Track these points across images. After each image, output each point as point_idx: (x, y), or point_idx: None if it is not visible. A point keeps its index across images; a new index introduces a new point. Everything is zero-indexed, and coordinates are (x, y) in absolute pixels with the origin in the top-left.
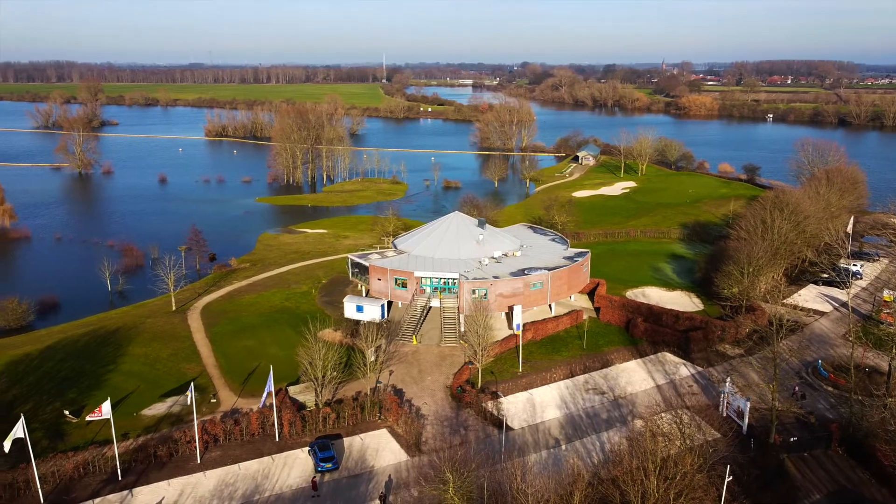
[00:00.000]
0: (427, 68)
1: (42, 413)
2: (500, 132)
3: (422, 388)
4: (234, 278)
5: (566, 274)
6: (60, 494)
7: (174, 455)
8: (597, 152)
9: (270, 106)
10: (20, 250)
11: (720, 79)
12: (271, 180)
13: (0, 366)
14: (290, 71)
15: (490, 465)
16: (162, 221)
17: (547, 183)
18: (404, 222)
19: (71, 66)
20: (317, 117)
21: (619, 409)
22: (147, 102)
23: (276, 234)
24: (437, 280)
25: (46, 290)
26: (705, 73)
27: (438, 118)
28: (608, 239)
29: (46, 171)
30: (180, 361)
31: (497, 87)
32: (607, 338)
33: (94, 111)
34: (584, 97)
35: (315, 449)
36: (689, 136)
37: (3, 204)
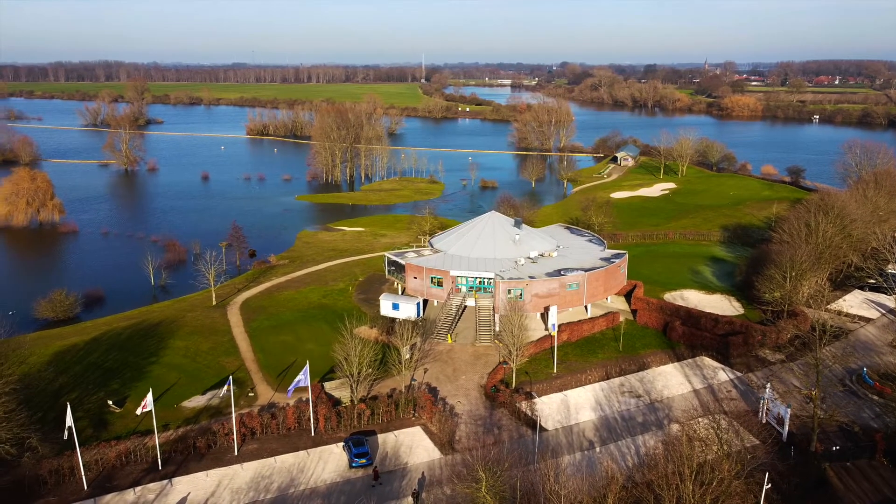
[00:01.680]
0: (466, 68)
1: (87, 402)
2: (538, 132)
3: (456, 387)
4: (272, 274)
5: (603, 275)
6: (103, 482)
7: (212, 447)
8: (636, 153)
9: (311, 105)
10: (68, 244)
11: (764, 79)
12: (310, 178)
13: (48, 356)
14: (330, 71)
15: (523, 465)
16: (204, 218)
17: (585, 183)
18: (441, 221)
19: (119, 66)
20: (356, 116)
21: (655, 412)
22: (191, 101)
23: (314, 232)
24: (472, 279)
25: (93, 283)
26: (749, 74)
27: (476, 118)
28: (646, 241)
29: (94, 168)
30: (220, 355)
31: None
32: (644, 340)
33: (140, 110)
34: (623, 97)
35: (350, 444)
36: (731, 137)
37: (53, 199)
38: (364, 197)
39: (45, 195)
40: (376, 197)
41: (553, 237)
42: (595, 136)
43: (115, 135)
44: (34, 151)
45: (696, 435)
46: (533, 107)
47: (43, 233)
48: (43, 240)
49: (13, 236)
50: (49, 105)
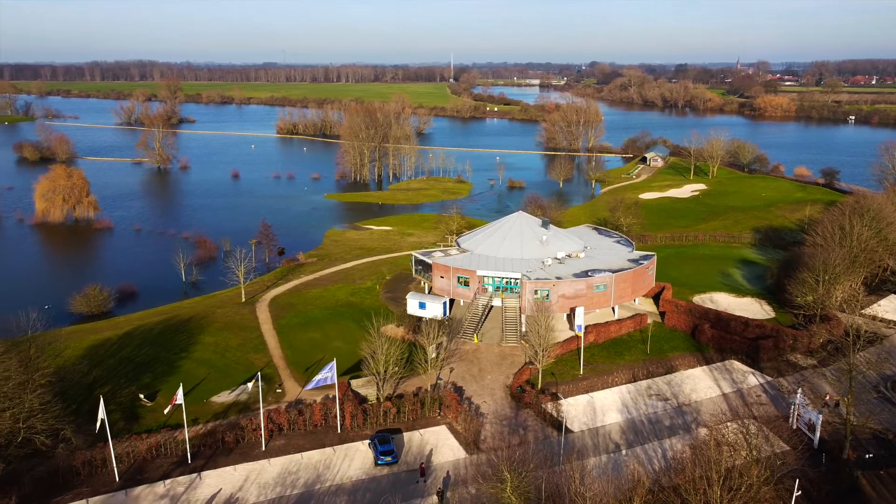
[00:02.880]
0: (494, 68)
1: (119, 396)
2: (566, 132)
3: (481, 387)
4: (301, 272)
5: (631, 277)
6: (134, 474)
7: (240, 442)
8: (665, 154)
9: (340, 104)
10: (103, 241)
11: (798, 79)
12: (339, 177)
13: (82, 349)
14: (359, 70)
15: (548, 466)
16: (234, 215)
17: (613, 184)
18: (468, 221)
19: (153, 66)
20: (384, 116)
21: (683, 416)
22: (222, 100)
23: (342, 230)
24: (499, 279)
25: (126, 278)
26: (783, 73)
27: (504, 118)
28: (675, 242)
29: (128, 166)
30: (248, 351)
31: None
32: (672, 343)
33: (173, 108)
34: (653, 97)
35: (375, 442)
36: (763, 137)
37: (89, 196)
38: (392, 196)
39: (80, 192)
40: (404, 196)
41: (580, 238)
42: (624, 136)
43: (148, 133)
44: (70, 149)
45: (724, 439)
46: (561, 107)
47: (78, 229)
48: (78, 236)
49: (50, 232)
50: (85, 104)
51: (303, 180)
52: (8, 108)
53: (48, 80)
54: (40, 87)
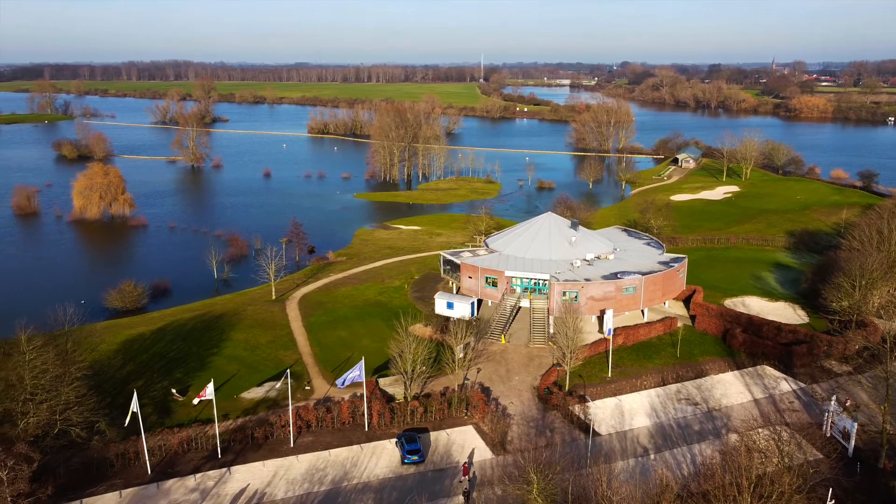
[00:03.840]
0: (524, 68)
1: (152, 390)
2: (596, 133)
3: (509, 388)
4: (330, 271)
5: (661, 279)
6: (166, 467)
7: (269, 437)
8: (698, 155)
9: (370, 104)
10: (137, 237)
11: (836, 79)
12: (369, 177)
13: (117, 344)
14: (390, 70)
15: (575, 469)
16: (265, 214)
17: (644, 185)
18: (497, 221)
19: (187, 66)
20: (414, 116)
21: (713, 421)
22: (255, 100)
23: (371, 230)
24: (527, 280)
25: (159, 275)
26: (819, 74)
27: (534, 118)
28: (707, 245)
29: (162, 164)
30: (278, 348)
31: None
32: (702, 347)
33: (207, 108)
34: (686, 98)
35: (402, 441)
36: (798, 139)
37: (124, 194)
38: (421, 196)
39: (116, 190)
40: (433, 196)
41: (610, 239)
42: (655, 137)
43: (182, 132)
44: (107, 147)
45: (755, 446)
46: (592, 107)
47: (114, 226)
48: (114, 232)
49: (87, 228)
50: (122, 103)
51: (333, 179)
52: (48, 108)
53: (87, 80)
54: (79, 86)
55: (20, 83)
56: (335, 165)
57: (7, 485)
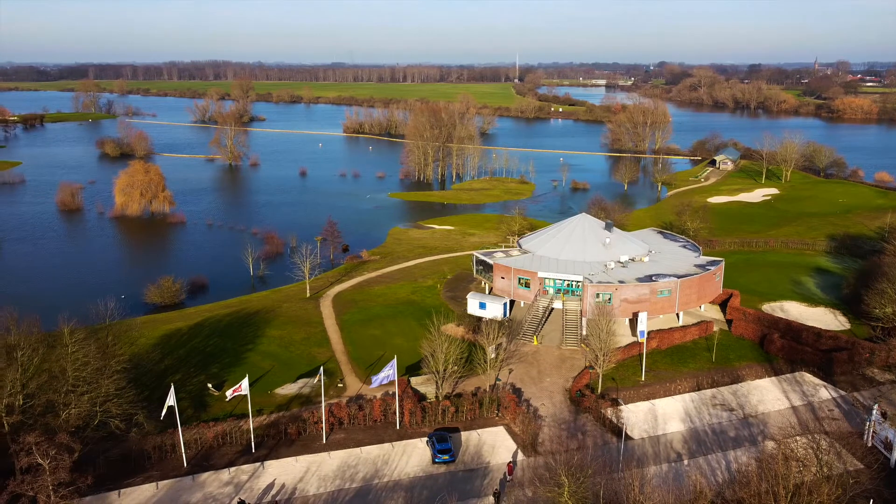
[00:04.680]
0: (560, 68)
1: (188, 384)
2: (632, 133)
3: (540, 389)
4: (364, 269)
5: (697, 282)
6: (201, 460)
7: (302, 434)
8: (736, 156)
9: (405, 104)
10: (176, 234)
11: (881, 79)
12: (403, 176)
13: (155, 338)
14: (425, 70)
15: (607, 472)
16: (301, 212)
17: (680, 187)
18: (530, 222)
19: (226, 65)
20: (449, 116)
21: (749, 427)
22: (292, 99)
23: (405, 229)
24: (560, 281)
25: (197, 271)
26: (864, 74)
27: (569, 118)
28: (745, 248)
29: (201, 162)
30: (312, 345)
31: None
32: (739, 352)
33: (244, 107)
34: (724, 98)
35: (433, 440)
36: (841, 141)
37: (164, 191)
38: (454, 196)
39: (157, 187)
40: (466, 196)
41: (645, 241)
42: (693, 138)
43: (221, 131)
44: (148, 146)
45: (793, 454)
46: (628, 107)
47: (154, 222)
48: (154, 229)
49: (128, 225)
50: (162, 102)
51: (368, 179)
52: (92, 107)
53: (129, 80)
54: (122, 85)
55: (66, 83)
56: (370, 165)
57: (49, 473)
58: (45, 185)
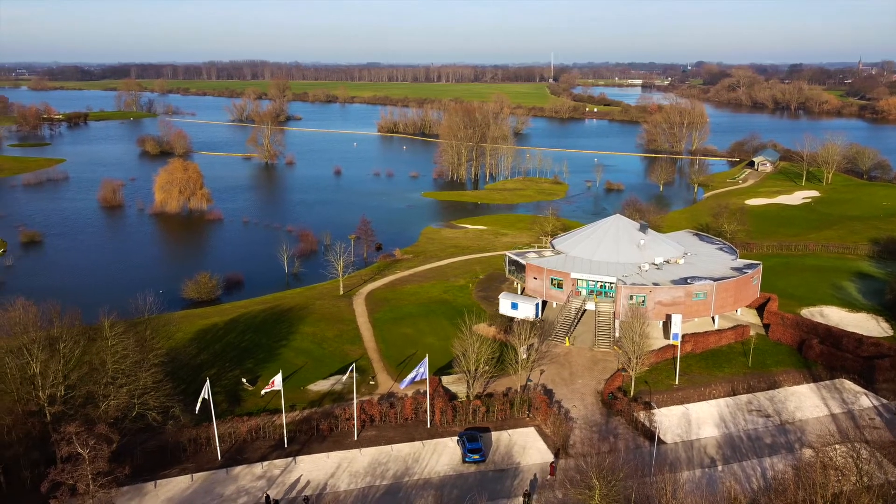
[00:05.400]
0: (595, 68)
1: (223, 379)
2: (668, 134)
3: (572, 391)
4: (397, 268)
5: (733, 286)
6: (235, 454)
7: (334, 430)
8: (775, 158)
9: (439, 104)
10: (213, 231)
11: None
12: (436, 176)
13: (192, 333)
14: (459, 70)
15: (639, 476)
16: (335, 210)
17: (717, 189)
18: (563, 223)
19: (264, 65)
20: (483, 116)
21: (786, 434)
22: (328, 99)
23: (438, 228)
24: (593, 283)
25: (233, 267)
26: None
27: (604, 119)
28: (783, 251)
29: (238, 161)
30: (344, 343)
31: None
32: (776, 357)
33: (281, 107)
34: (763, 99)
35: (464, 439)
36: (886, 142)
37: (202, 189)
38: (487, 196)
39: (195, 185)
40: (499, 196)
41: (680, 243)
42: (730, 139)
43: (258, 130)
44: (187, 144)
45: (831, 462)
46: (664, 107)
47: (192, 219)
48: (191, 226)
49: (166, 221)
50: (201, 101)
51: (402, 178)
52: (133, 105)
53: (169, 79)
54: (162, 85)
55: (109, 82)
56: (404, 164)
57: (88, 462)
58: (87, 181)
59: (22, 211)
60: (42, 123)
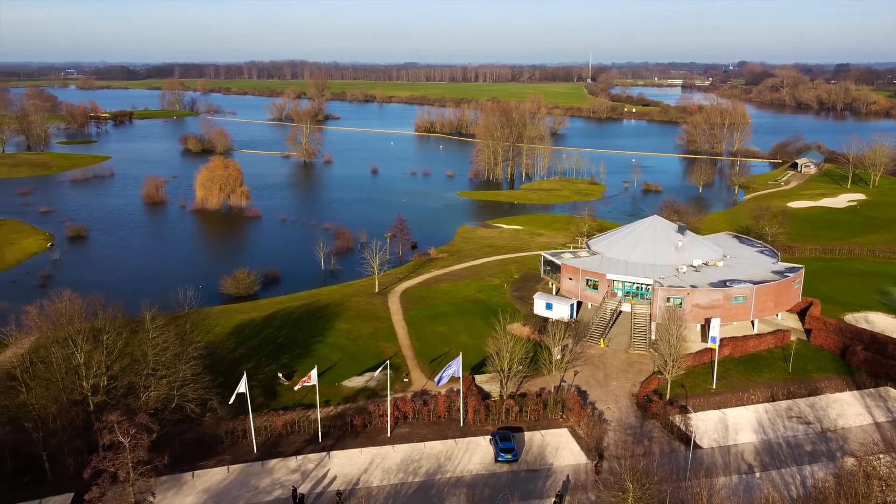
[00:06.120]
0: (634, 67)
1: (260, 373)
2: (708, 135)
3: (606, 393)
4: (432, 266)
5: (773, 289)
6: (270, 447)
7: (367, 426)
8: (820, 160)
9: (476, 104)
10: (252, 228)
11: None
12: (472, 175)
13: (230, 327)
14: (496, 70)
15: (674, 481)
16: (371, 209)
17: (758, 191)
18: (599, 223)
19: (303, 65)
20: (520, 116)
21: (827, 442)
22: (365, 98)
23: (473, 228)
24: (630, 284)
25: (271, 264)
26: None
27: (642, 119)
28: (827, 255)
29: (277, 159)
30: (379, 340)
31: (709, 87)
32: (817, 363)
33: (320, 106)
34: (808, 99)
35: (497, 439)
36: None
37: (242, 186)
38: (523, 195)
39: (235, 182)
40: (535, 196)
41: (719, 246)
42: (773, 140)
43: (297, 129)
44: (228, 142)
45: (875, 472)
46: (705, 108)
47: (231, 216)
48: (231, 222)
49: (207, 218)
50: (242, 100)
51: (438, 177)
52: (177, 104)
53: (212, 79)
54: (205, 84)
55: (153, 81)
56: (440, 163)
57: (129, 451)
58: (131, 178)
59: (69, 206)
60: (89, 121)
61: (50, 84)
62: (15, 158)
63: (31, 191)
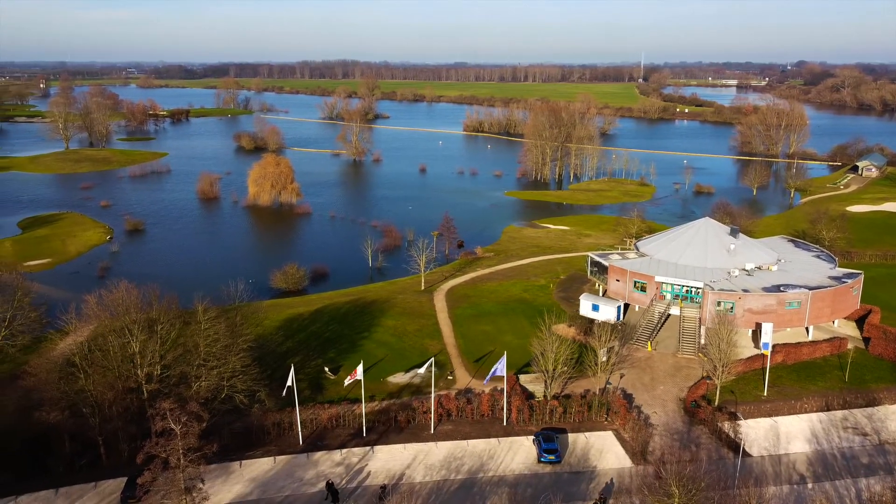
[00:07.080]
0: (687, 67)
1: (307, 367)
2: (764, 136)
3: (652, 397)
4: (478, 265)
5: (830, 295)
6: (315, 440)
7: (411, 422)
8: (882, 163)
9: (525, 104)
10: (301, 224)
11: None
12: (520, 175)
13: (279, 321)
14: (546, 70)
15: (721, 488)
16: (419, 207)
17: (816, 194)
18: (648, 225)
19: (354, 65)
20: (569, 116)
21: (885, 455)
22: (415, 98)
23: (520, 228)
24: (679, 287)
25: (319, 260)
26: None
27: (695, 120)
28: (888, 261)
29: (327, 157)
30: (424, 337)
31: (765, 87)
32: (876, 373)
33: (370, 105)
34: (871, 100)
35: (540, 439)
36: None
37: (293, 183)
38: (571, 196)
39: (286, 179)
40: (583, 197)
41: (774, 249)
42: (832, 142)
43: (347, 127)
44: (280, 140)
45: None
46: (760, 108)
47: (282, 212)
48: (281, 218)
49: (258, 214)
50: (294, 99)
51: (485, 177)
52: (231, 103)
53: (265, 78)
54: (258, 83)
55: (209, 80)
56: (488, 163)
57: (180, 438)
58: (187, 174)
59: (127, 200)
60: (148, 119)
61: (112, 83)
62: (78, 154)
63: (92, 185)
